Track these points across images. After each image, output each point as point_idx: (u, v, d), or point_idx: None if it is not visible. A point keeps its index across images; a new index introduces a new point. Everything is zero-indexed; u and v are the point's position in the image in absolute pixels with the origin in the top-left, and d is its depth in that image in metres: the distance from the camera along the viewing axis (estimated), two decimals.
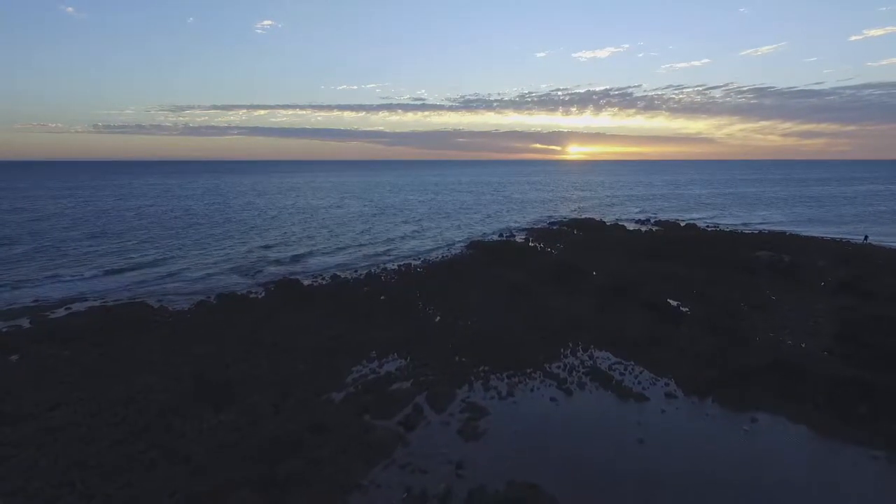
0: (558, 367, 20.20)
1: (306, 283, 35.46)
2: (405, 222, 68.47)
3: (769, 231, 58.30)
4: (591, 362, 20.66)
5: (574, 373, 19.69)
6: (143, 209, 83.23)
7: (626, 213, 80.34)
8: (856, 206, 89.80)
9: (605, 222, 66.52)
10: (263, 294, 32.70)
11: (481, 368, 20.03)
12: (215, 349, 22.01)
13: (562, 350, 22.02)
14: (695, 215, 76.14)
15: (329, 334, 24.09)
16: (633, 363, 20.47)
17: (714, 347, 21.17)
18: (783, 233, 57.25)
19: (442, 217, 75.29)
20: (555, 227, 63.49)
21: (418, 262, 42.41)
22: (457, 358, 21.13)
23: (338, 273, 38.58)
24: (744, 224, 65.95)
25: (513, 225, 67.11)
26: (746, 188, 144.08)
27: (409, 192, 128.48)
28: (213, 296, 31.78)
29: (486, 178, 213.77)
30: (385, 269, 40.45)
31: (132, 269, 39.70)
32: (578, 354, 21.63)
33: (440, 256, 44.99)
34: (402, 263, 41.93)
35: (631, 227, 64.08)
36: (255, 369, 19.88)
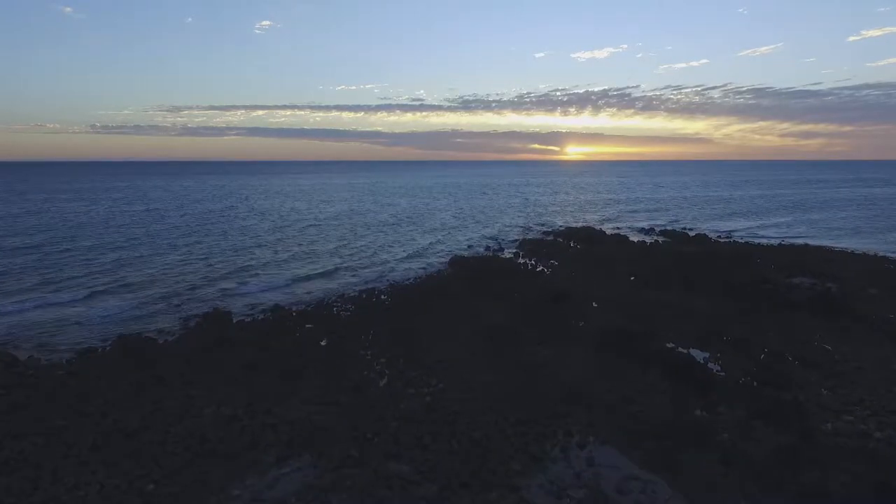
0: (540, 485, 13.34)
1: (238, 319, 28.59)
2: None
3: (792, 244, 51.44)
4: (591, 473, 13.80)
5: (564, 498, 12.80)
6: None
7: (630, 220, 73.51)
8: (881, 212, 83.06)
9: (605, 232, 59.76)
10: (176, 337, 25.84)
11: (422, 491, 13.13)
12: (41, 446, 15.11)
13: (549, 445, 15.15)
14: (706, 224, 69.29)
15: (222, 412, 17.20)
16: (654, 478, 13.58)
17: (773, 446, 14.32)
18: (806, 245, 50.47)
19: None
20: (549, 238, 56.66)
21: (384, 286, 35.56)
22: (392, 464, 14.25)
23: (283, 304, 31.66)
24: (761, 235, 59.12)
25: (503, 234, 60.23)
26: (754, 190, 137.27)
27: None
28: (111, 341, 24.87)
29: (486, 181, 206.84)
30: (343, 296, 33.62)
31: (45, 303, 32.27)
32: (572, 455, 14.76)
33: (413, 278, 38.11)
34: (365, 289, 35.07)
35: (634, 237, 57.27)
36: (72, 493, 12.97)
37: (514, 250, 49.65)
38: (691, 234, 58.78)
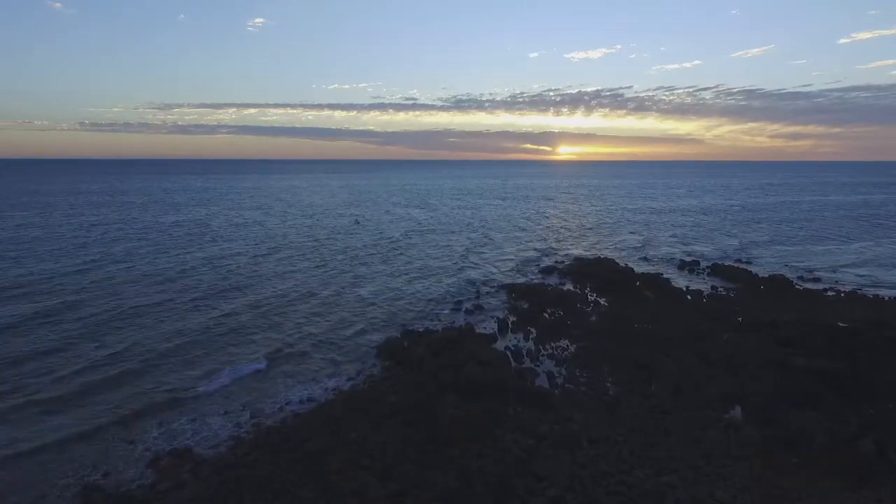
0: None
1: None
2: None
3: None
4: None
5: None
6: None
7: (659, 245, 55.33)
8: None
9: (632, 269, 41.66)
10: None
11: None
12: None
13: None
14: (766, 253, 51.12)
15: None
16: None
17: None
18: None
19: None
20: (554, 283, 38.44)
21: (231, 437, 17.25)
22: None
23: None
24: (872, 278, 40.83)
25: (489, 271, 41.98)
26: (793, 197, 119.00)
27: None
28: None
29: (478, 183, 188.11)
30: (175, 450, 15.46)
31: None
32: None
33: (297, 403, 19.71)
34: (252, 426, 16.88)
35: (678, 280, 39.30)
36: None
37: (499, 312, 31.31)
38: (757, 272, 40.67)
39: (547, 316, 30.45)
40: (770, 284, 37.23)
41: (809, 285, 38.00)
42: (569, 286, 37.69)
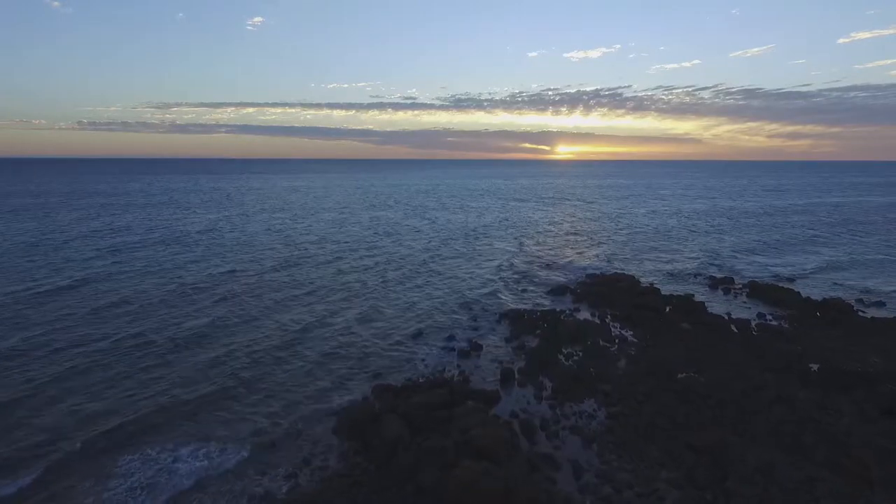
0: None
1: None
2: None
3: None
4: None
5: None
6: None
7: (680, 257, 48.90)
8: None
9: (657, 289, 35.39)
10: None
11: None
12: None
13: None
14: (808, 268, 44.70)
15: None
16: None
17: None
18: None
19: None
20: (567, 311, 32.02)
21: None
22: None
23: None
24: None
25: (488, 292, 35.57)
26: (820, 198, 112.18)
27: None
28: None
29: (476, 183, 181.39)
30: None
31: None
32: None
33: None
34: None
35: (713, 304, 33.04)
36: None
37: (502, 352, 24.89)
38: (806, 293, 34.23)
39: (563, 359, 24.10)
40: (827, 311, 30.81)
41: (874, 311, 31.67)
42: (586, 313, 31.32)
